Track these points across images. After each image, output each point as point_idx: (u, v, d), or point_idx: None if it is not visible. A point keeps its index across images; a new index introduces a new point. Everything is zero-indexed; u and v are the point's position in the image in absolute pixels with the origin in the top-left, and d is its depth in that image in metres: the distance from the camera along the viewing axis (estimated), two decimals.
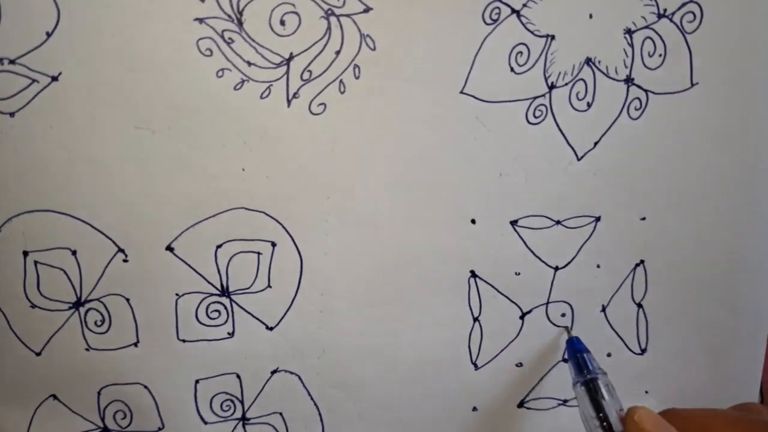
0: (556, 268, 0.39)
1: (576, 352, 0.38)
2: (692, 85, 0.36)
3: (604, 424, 0.33)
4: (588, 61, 0.35)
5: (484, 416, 0.41)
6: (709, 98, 0.37)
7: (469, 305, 0.38)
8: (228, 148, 0.33)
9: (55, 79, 0.31)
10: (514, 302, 0.39)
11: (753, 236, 0.40)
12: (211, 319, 0.36)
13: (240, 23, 0.32)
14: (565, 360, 0.40)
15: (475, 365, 0.40)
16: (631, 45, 0.35)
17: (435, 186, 0.36)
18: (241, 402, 0.38)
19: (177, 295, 0.35)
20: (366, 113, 0.34)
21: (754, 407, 0.34)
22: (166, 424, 0.37)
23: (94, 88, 0.31)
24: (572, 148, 0.37)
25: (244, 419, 0.38)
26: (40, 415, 0.37)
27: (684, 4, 0.35)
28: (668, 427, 0.28)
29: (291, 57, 0.32)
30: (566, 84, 0.35)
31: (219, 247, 0.35)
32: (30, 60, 0.31)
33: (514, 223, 0.37)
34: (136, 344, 0.36)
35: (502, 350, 0.40)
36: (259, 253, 0.35)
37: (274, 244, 0.35)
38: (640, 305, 0.41)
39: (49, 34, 0.30)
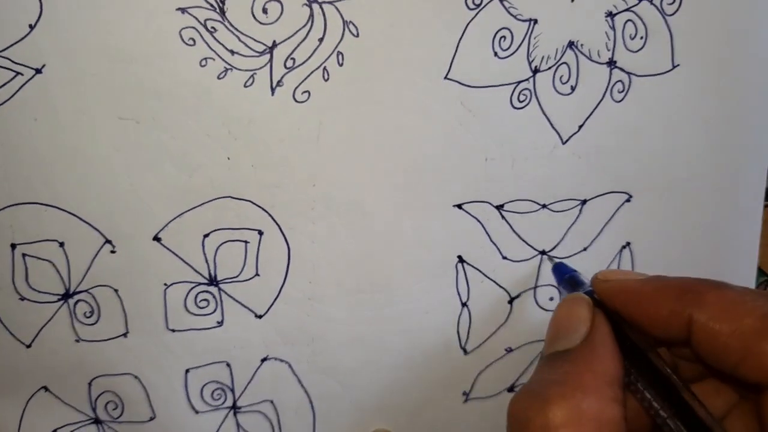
0: (543, 252, 0.39)
1: (564, 274, 0.36)
2: (674, 66, 0.37)
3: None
4: (571, 44, 0.35)
5: (475, 401, 0.41)
6: (691, 79, 0.37)
7: (457, 290, 0.38)
8: (212, 138, 0.33)
9: (38, 71, 0.31)
10: (502, 287, 0.39)
11: (737, 217, 0.40)
12: (199, 308, 0.36)
13: (222, 12, 0.32)
14: None
15: (464, 350, 0.40)
16: (613, 28, 0.35)
17: (421, 172, 0.36)
18: (232, 390, 0.38)
19: (165, 285, 0.35)
20: (350, 100, 0.34)
21: None
22: (158, 414, 0.37)
23: (78, 79, 0.31)
24: (557, 131, 0.37)
25: (235, 408, 0.38)
26: (32, 407, 0.37)
27: None
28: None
29: (274, 45, 0.33)
30: (550, 68, 0.35)
31: (206, 236, 0.35)
32: (13, 53, 0.31)
33: (500, 207, 0.38)
34: (125, 335, 0.36)
35: (492, 335, 0.40)
36: (246, 242, 0.35)
37: (261, 233, 0.35)
38: None
39: (32, 27, 0.31)
